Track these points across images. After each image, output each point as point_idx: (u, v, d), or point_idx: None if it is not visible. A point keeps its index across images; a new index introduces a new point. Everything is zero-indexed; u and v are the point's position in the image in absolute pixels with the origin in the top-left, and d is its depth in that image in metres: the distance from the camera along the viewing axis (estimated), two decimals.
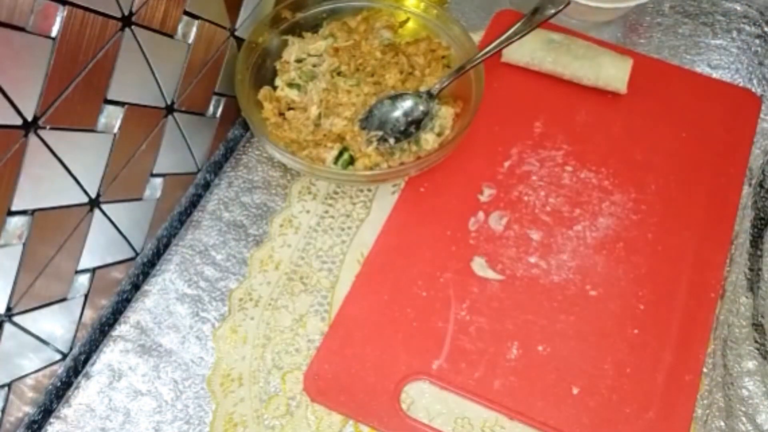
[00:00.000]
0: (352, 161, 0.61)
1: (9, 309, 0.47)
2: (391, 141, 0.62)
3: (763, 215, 0.64)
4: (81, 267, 0.54)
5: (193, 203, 0.66)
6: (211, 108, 0.64)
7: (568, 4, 0.62)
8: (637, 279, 0.60)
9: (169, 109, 0.57)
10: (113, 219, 0.55)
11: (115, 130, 0.51)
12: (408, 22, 0.69)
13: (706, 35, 0.75)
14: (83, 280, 0.55)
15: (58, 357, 0.55)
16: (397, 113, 0.63)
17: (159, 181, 0.60)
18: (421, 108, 0.63)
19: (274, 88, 0.65)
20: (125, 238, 0.58)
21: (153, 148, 0.57)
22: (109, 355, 0.57)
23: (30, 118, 0.42)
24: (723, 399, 0.55)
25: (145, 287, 0.60)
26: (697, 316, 0.58)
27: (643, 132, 0.68)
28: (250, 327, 0.58)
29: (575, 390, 0.55)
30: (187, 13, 0.54)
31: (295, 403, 0.55)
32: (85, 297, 0.56)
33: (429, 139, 0.63)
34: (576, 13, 0.74)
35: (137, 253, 0.61)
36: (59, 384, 0.57)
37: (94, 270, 0.56)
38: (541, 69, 0.69)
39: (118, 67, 0.48)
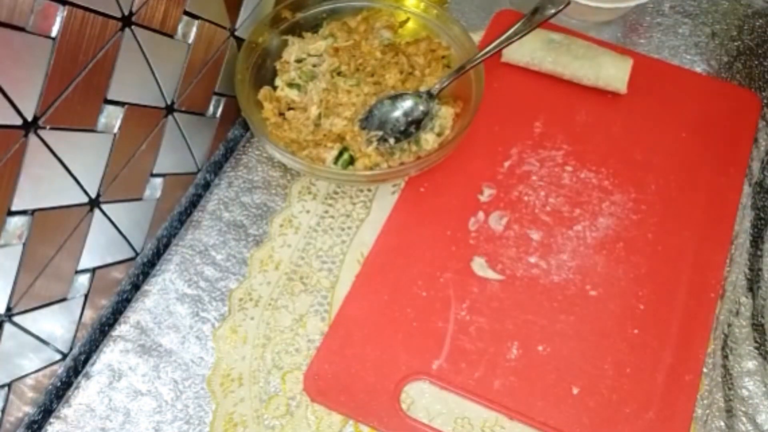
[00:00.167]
0: (352, 161, 0.61)
1: (9, 309, 0.47)
2: (391, 141, 0.62)
3: (763, 215, 0.64)
4: (81, 267, 0.54)
5: (193, 203, 0.66)
6: (211, 108, 0.64)
7: (568, 4, 0.62)
8: (637, 279, 0.60)
9: (169, 109, 0.57)
10: (113, 219, 0.55)
11: (115, 130, 0.51)
12: (408, 22, 0.69)
13: (706, 35, 0.75)
14: (83, 280, 0.55)
15: (58, 357, 0.55)
16: (397, 113, 0.63)
17: (159, 181, 0.60)
18: (421, 108, 0.63)
19: (274, 88, 0.65)
20: (125, 238, 0.58)
21: (153, 148, 0.57)
22: (109, 355, 0.57)
23: (30, 118, 0.42)
24: (723, 399, 0.55)
25: (145, 287, 0.60)
26: (697, 316, 0.58)
27: (643, 132, 0.68)
28: (250, 327, 0.58)
29: (575, 390, 0.55)
30: (187, 13, 0.54)
31: (295, 403, 0.55)
32: (85, 297, 0.56)
33: (429, 139, 0.63)
34: (576, 13, 0.74)
35: (137, 253, 0.61)
36: (59, 384, 0.57)
37: (94, 270, 0.56)
38: (541, 69, 0.69)
39: (118, 67, 0.48)
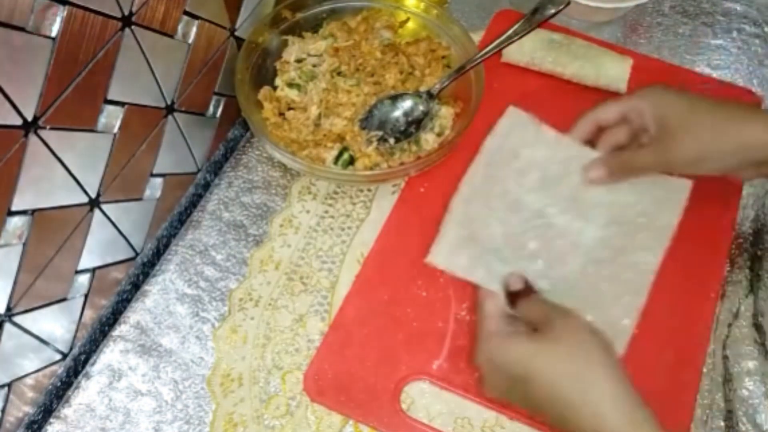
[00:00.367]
0: (352, 161, 0.61)
1: (9, 309, 0.47)
2: (391, 141, 0.62)
3: (763, 215, 0.64)
4: (81, 267, 0.54)
5: (193, 203, 0.67)
6: (211, 108, 0.64)
7: (568, 4, 0.62)
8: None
9: (169, 109, 0.57)
10: (113, 219, 0.55)
11: (115, 130, 0.51)
12: (408, 22, 0.69)
13: (706, 35, 0.75)
14: (83, 280, 0.55)
15: (58, 357, 0.55)
16: (397, 113, 0.63)
17: (159, 181, 0.60)
18: (421, 108, 0.63)
19: (274, 88, 0.65)
20: (125, 238, 0.58)
21: (153, 148, 0.57)
22: (109, 355, 0.57)
23: (30, 118, 0.42)
24: (723, 399, 0.55)
25: (145, 287, 0.60)
26: (697, 316, 0.58)
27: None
28: (250, 327, 0.58)
29: None
30: (187, 13, 0.54)
31: (295, 403, 0.55)
32: (85, 297, 0.56)
33: (429, 139, 0.63)
34: (576, 13, 0.74)
35: (137, 253, 0.61)
36: (59, 384, 0.57)
37: (94, 270, 0.56)
38: (541, 69, 0.69)
39: (118, 67, 0.48)
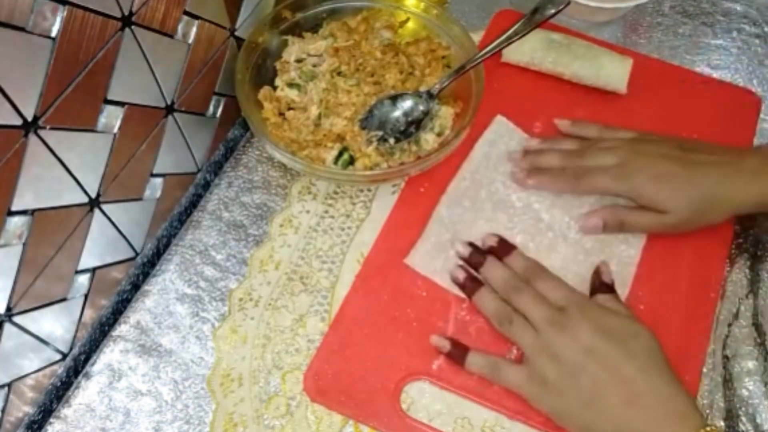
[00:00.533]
0: (352, 161, 0.61)
1: (9, 309, 0.47)
2: (391, 141, 0.62)
3: (763, 215, 0.63)
4: (81, 267, 0.54)
5: (193, 203, 0.67)
6: (211, 108, 0.64)
7: (568, 4, 0.62)
8: (637, 279, 0.60)
9: (169, 109, 0.57)
10: (113, 219, 0.55)
11: (115, 130, 0.51)
12: (408, 22, 0.69)
13: (706, 35, 0.75)
14: (83, 280, 0.55)
15: (58, 357, 0.55)
16: (397, 113, 0.63)
17: (159, 181, 0.60)
18: (421, 108, 0.63)
19: (274, 88, 0.65)
20: (125, 238, 0.58)
21: (153, 148, 0.57)
22: (109, 355, 0.57)
23: (30, 118, 0.42)
24: (723, 399, 0.55)
25: (145, 287, 0.60)
26: (697, 316, 0.58)
27: (643, 132, 0.67)
28: (250, 327, 0.58)
29: None
30: (187, 13, 0.54)
31: (295, 403, 0.55)
32: (85, 297, 0.56)
33: (429, 139, 0.63)
34: (576, 13, 0.74)
35: (137, 253, 0.61)
36: (59, 384, 0.57)
37: (94, 270, 0.56)
38: (541, 69, 0.69)
39: (118, 67, 0.48)
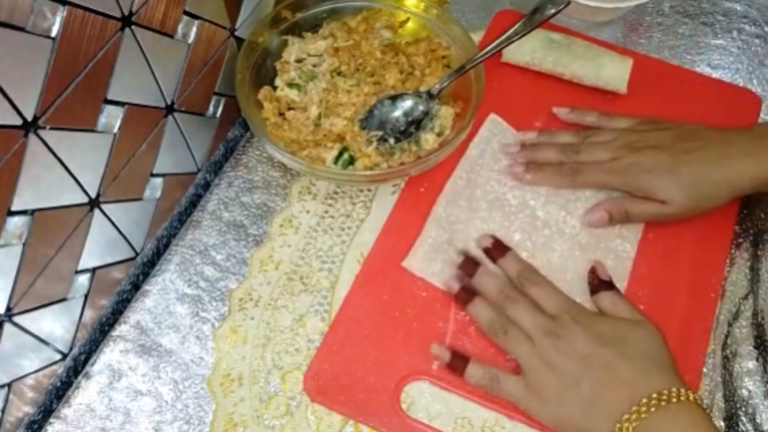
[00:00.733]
0: (352, 161, 0.61)
1: (9, 309, 0.47)
2: (391, 141, 0.62)
3: (763, 215, 0.64)
4: (81, 267, 0.54)
5: (193, 203, 0.67)
6: (211, 108, 0.64)
7: (568, 4, 0.62)
8: (637, 279, 0.60)
9: (169, 109, 0.57)
10: (113, 219, 0.55)
11: (115, 130, 0.51)
12: (408, 22, 0.69)
13: (706, 35, 0.75)
14: (83, 280, 0.55)
15: (58, 357, 0.55)
16: (397, 113, 0.63)
17: (159, 181, 0.60)
18: (421, 108, 0.63)
19: (274, 88, 0.65)
20: (125, 238, 0.58)
21: (153, 148, 0.57)
22: (109, 355, 0.57)
23: (30, 118, 0.42)
24: (723, 399, 0.55)
25: (145, 287, 0.60)
26: (697, 316, 0.58)
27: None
28: (250, 327, 0.58)
29: None
30: (187, 13, 0.54)
31: (295, 403, 0.55)
32: (85, 297, 0.56)
33: (429, 139, 0.63)
34: (576, 13, 0.74)
35: (137, 253, 0.61)
36: (59, 384, 0.57)
37: (94, 270, 0.56)
38: (541, 69, 0.69)
39: (118, 67, 0.48)
